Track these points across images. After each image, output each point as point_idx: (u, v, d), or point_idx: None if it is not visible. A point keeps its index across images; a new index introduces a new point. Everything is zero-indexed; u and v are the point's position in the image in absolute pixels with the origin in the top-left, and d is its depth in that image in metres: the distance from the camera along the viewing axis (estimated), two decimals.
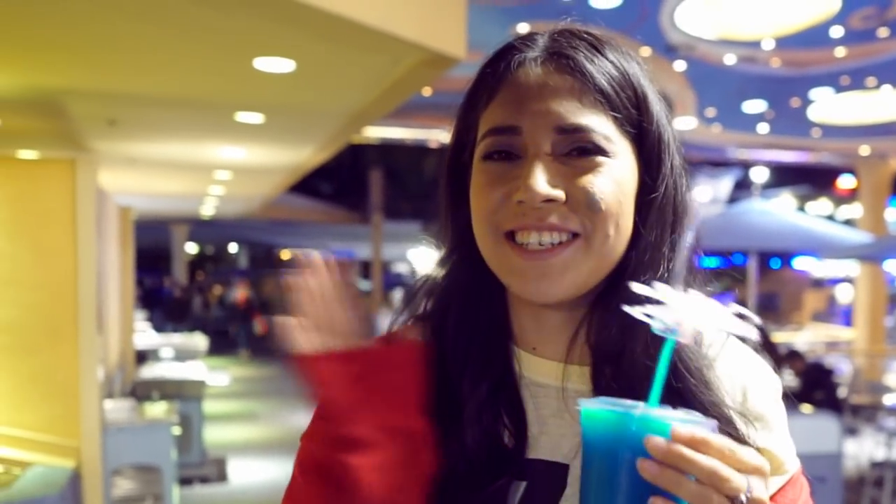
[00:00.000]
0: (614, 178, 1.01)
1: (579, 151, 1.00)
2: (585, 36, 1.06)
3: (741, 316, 0.85)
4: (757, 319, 0.87)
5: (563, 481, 1.02)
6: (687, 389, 0.99)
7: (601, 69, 1.03)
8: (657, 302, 0.86)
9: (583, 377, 1.05)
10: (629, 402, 0.86)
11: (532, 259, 1.00)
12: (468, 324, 1.11)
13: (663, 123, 1.07)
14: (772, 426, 1.09)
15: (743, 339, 1.12)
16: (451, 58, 4.64)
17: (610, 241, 1.01)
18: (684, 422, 0.82)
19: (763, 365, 1.13)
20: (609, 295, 1.03)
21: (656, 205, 1.05)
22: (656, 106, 1.06)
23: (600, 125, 1.01)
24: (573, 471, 1.02)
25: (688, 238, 1.06)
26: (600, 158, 1.00)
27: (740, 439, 0.99)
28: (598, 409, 0.85)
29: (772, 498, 1.02)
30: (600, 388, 1.01)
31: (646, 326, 0.93)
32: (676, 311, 0.85)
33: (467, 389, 1.06)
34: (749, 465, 0.83)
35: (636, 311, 0.86)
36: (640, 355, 0.99)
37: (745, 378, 1.09)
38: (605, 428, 0.85)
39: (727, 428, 0.99)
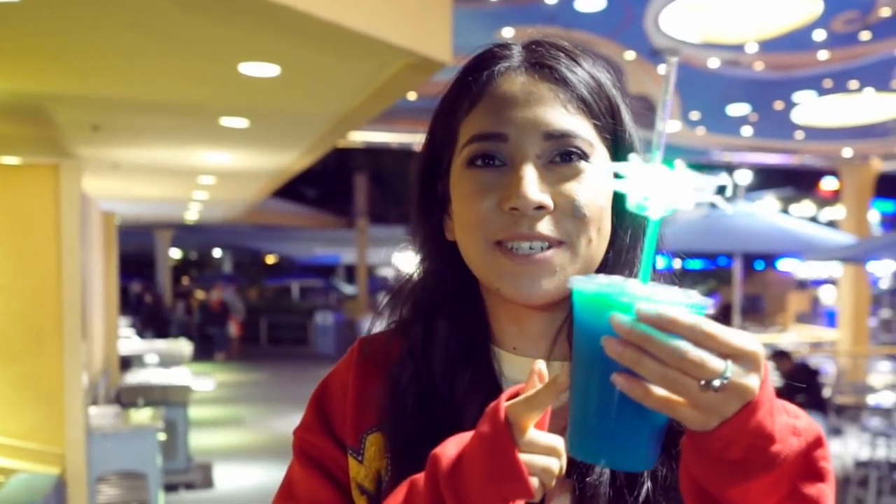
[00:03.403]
0: (596, 185, 1.05)
1: (563, 157, 1.05)
2: (562, 46, 1.11)
3: (712, 187, 0.84)
4: (726, 180, 0.87)
5: None
6: None
7: (580, 78, 1.08)
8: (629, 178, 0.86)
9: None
10: (622, 280, 0.87)
11: (523, 263, 1.03)
12: (452, 332, 1.13)
13: (633, 131, 1.12)
14: None
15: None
16: (438, 62, 4.63)
17: (592, 245, 1.06)
18: (668, 302, 0.80)
19: None
20: None
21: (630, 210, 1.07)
22: (627, 114, 1.12)
23: (584, 131, 1.06)
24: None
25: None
26: (583, 164, 1.05)
27: None
28: (581, 288, 0.86)
29: None
30: None
31: None
32: (645, 185, 0.85)
33: (461, 398, 1.09)
34: (733, 349, 0.80)
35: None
36: None
37: None
38: (585, 307, 0.86)
39: None
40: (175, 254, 31.86)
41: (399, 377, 1.12)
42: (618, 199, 1.08)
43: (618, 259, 1.10)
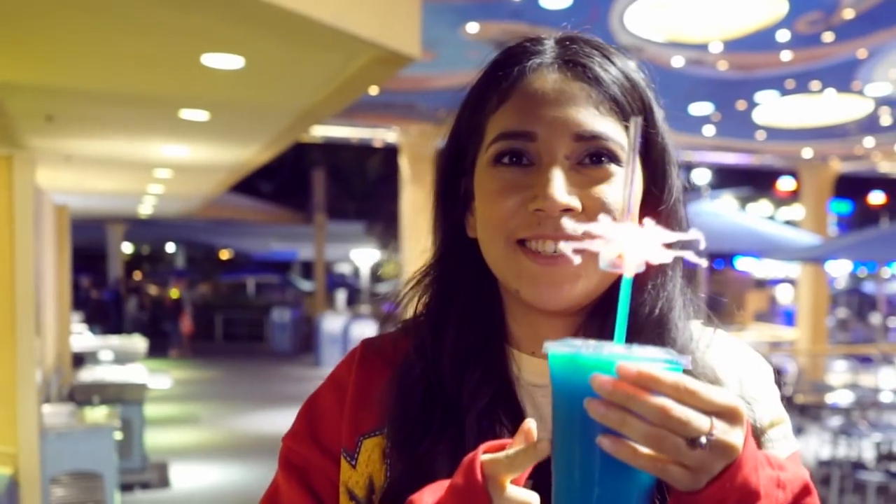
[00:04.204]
0: None
1: (593, 160, 1.02)
2: (596, 44, 1.08)
3: (683, 242, 0.85)
4: (699, 237, 0.87)
5: None
6: None
7: (613, 78, 1.05)
8: (598, 238, 0.85)
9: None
10: (597, 342, 0.85)
11: (547, 265, 1.00)
12: (465, 329, 1.10)
13: (666, 134, 1.09)
14: (769, 405, 1.10)
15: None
16: (406, 56, 4.58)
17: None
18: (647, 360, 0.79)
19: (753, 354, 1.15)
20: (607, 304, 1.03)
21: (662, 217, 1.04)
22: (659, 116, 1.09)
23: (616, 133, 1.02)
24: None
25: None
26: (613, 167, 1.02)
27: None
28: (557, 351, 0.84)
29: None
30: None
31: (650, 332, 1.02)
32: (617, 244, 0.84)
33: (467, 397, 1.06)
34: (715, 406, 0.79)
35: (567, 247, 0.86)
36: None
37: (738, 367, 1.10)
38: (563, 369, 0.84)
39: None
40: (127, 248, 31.48)
41: (406, 375, 1.10)
42: (651, 204, 1.06)
43: (646, 271, 1.03)
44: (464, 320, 1.10)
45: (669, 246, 0.85)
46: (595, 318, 1.07)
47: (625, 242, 0.84)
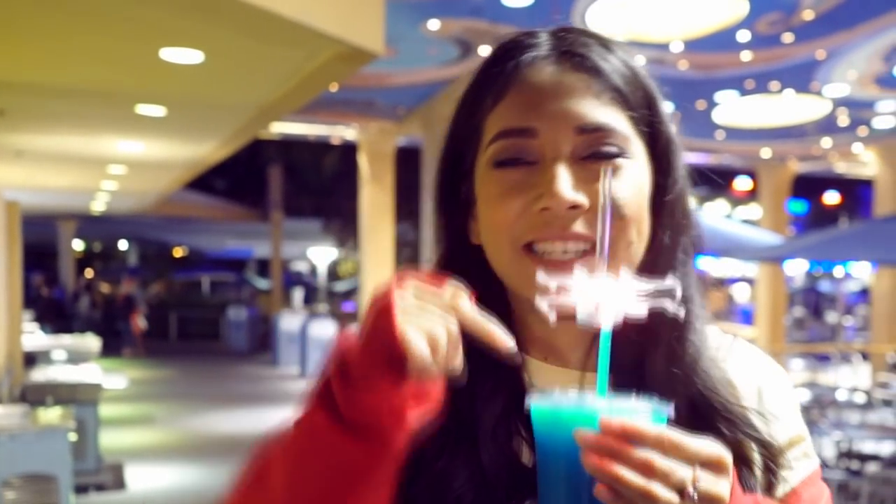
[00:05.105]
0: (634, 182, 0.98)
1: (598, 153, 0.96)
2: (592, 34, 1.04)
3: (661, 291, 0.83)
4: (678, 290, 0.84)
5: None
6: (697, 392, 0.99)
7: (613, 67, 1.00)
8: (575, 290, 0.84)
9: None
10: (579, 395, 0.86)
11: (555, 269, 0.93)
12: (475, 338, 1.01)
13: (671, 125, 1.05)
14: (789, 421, 1.06)
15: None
16: (369, 52, 4.53)
17: (633, 248, 0.98)
18: (629, 412, 0.79)
19: (773, 365, 1.12)
20: None
21: (669, 207, 1.03)
22: (664, 106, 1.05)
23: (620, 124, 0.98)
24: None
25: (695, 240, 1.08)
26: (620, 160, 0.97)
27: (759, 438, 0.99)
28: (538, 405, 0.84)
29: (794, 490, 1.02)
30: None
31: (666, 335, 0.99)
32: (594, 297, 0.83)
33: (480, 407, 1.01)
34: (701, 457, 0.78)
35: (543, 303, 0.85)
36: (661, 362, 0.99)
37: (758, 379, 1.08)
38: (545, 423, 0.84)
39: (745, 428, 0.99)
40: (78, 245, 31.03)
41: None
42: (656, 195, 1.02)
43: (656, 262, 1.01)
44: None
45: (649, 295, 0.83)
46: None
47: (601, 294, 0.83)
